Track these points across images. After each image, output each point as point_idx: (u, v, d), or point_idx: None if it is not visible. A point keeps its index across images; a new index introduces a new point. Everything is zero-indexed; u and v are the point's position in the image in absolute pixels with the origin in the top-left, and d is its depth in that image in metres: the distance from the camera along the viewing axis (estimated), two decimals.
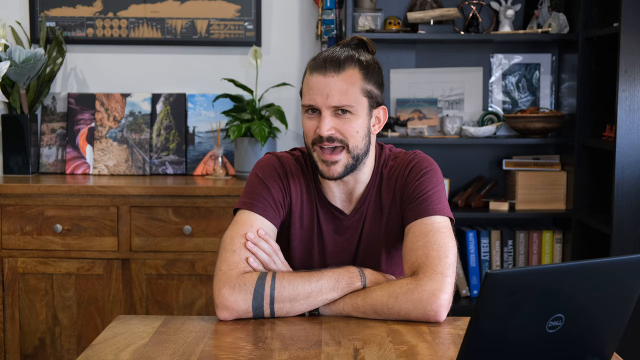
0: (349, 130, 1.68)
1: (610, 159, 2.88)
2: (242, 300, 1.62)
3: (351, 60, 1.68)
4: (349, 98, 1.67)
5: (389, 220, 1.78)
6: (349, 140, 1.68)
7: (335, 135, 1.68)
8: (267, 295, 1.62)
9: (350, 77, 1.67)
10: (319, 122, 1.67)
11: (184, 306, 2.96)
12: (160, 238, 2.94)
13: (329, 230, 1.81)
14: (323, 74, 1.67)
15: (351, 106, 1.67)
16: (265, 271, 1.67)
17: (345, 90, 1.66)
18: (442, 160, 3.30)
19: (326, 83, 1.66)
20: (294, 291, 1.62)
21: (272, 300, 1.62)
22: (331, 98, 1.66)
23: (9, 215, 2.94)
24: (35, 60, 3.08)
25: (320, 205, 1.80)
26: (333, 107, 1.67)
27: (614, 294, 1.26)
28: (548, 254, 3.27)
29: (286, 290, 1.62)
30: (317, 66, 1.68)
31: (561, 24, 3.13)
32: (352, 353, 1.46)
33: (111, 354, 1.47)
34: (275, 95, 3.31)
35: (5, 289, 2.96)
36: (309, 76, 1.69)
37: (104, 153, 3.31)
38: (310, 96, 1.68)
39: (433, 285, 1.58)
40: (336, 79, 1.66)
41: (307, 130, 1.71)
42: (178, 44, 3.38)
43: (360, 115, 1.69)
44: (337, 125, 1.68)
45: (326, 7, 3.12)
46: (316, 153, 1.71)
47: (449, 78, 3.37)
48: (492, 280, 1.15)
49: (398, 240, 1.79)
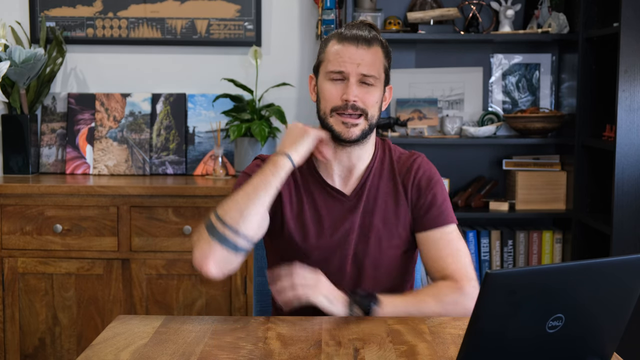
0: (370, 100, 1.78)
1: (610, 159, 2.88)
2: (204, 241, 1.66)
3: (376, 40, 1.80)
4: (376, 69, 1.78)
5: (386, 205, 1.84)
6: (369, 109, 1.78)
7: (358, 104, 1.76)
8: (214, 219, 1.67)
9: (376, 53, 1.79)
10: (345, 88, 1.76)
11: (184, 306, 2.96)
12: (160, 238, 2.94)
13: (327, 210, 1.83)
14: (355, 45, 1.77)
15: (376, 77, 1.78)
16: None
17: (373, 62, 1.77)
18: (442, 160, 3.33)
19: (358, 53, 1.76)
20: (230, 202, 1.70)
21: (217, 217, 1.67)
22: (362, 67, 1.76)
23: (9, 215, 2.94)
24: (35, 60, 3.08)
25: (318, 187, 1.84)
26: (361, 76, 1.76)
27: (614, 294, 1.26)
28: (548, 254, 3.27)
29: (225, 204, 1.69)
30: (347, 39, 1.78)
31: (561, 24, 3.13)
32: (352, 353, 1.46)
33: (111, 354, 1.47)
34: (275, 95, 3.32)
35: (5, 289, 2.96)
36: (338, 45, 1.78)
37: (104, 153, 3.31)
38: (340, 62, 1.77)
39: (474, 292, 1.74)
40: (367, 51, 1.77)
41: (329, 96, 1.78)
42: (178, 44, 3.38)
43: (379, 89, 1.80)
44: (361, 94, 1.77)
45: (326, 7, 3.13)
46: (334, 119, 1.78)
47: (449, 78, 3.37)
48: (492, 280, 1.15)
49: (393, 225, 1.84)
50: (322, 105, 1.80)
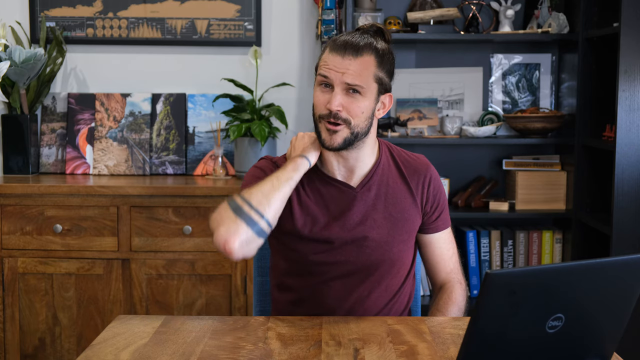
0: (355, 109, 1.77)
1: (610, 159, 2.88)
2: (230, 220, 1.69)
3: (369, 48, 1.77)
4: (361, 80, 1.76)
5: (395, 200, 1.87)
6: (353, 118, 1.77)
7: (341, 114, 1.77)
8: (239, 201, 1.72)
9: (365, 63, 1.76)
10: (331, 97, 1.76)
11: (184, 306, 2.96)
12: (160, 238, 2.94)
13: (332, 200, 1.85)
14: (341, 55, 1.76)
15: (362, 87, 1.76)
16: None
17: (359, 72, 1.76)
18: (442, 160, 3.33)
19: (343, 63, 1.75)
20: (255, 189, 1.75)
21: (244, 199, 1.72)
22: (346, 76, 1.75)
23: (9, 215, 2.94)
24: (35, 60, 3.08)
25: (323, 182, 1.86)
26: (346, 85, 1.75)
27: (614, 294, 1.26)
28: (548, 254, 3.27)
29: (251, 188, 1.75)
30: (336, 47, 1.78)
31: (561, 24, 3.13)
32: (352, 353, 1.46)
33: (111, 354, 1.47)
34: (275, 95, 3.31)
35: (5, 289, 2.96)
36: (328, 54, 1.79)
37: (104, 153, 3.31)
38: (326, 69, 1.78)
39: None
40: (353, 62, 1.75)
41: (317, 102, 1.80)
42: (178, 44, 3.38)
43: (368, 98, 1.78)
44: (346, 103, 1.77)
45: (326, 7, 3.12)
46: (322, 124, 1.80)
47: (449, 78, 3.37)
48: (492, 280, 1.15)
49: (401, 220, 1.86)
50: (314, 109, 1.83)
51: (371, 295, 1.82)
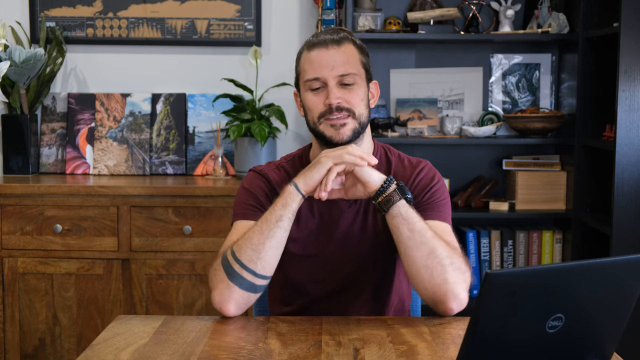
0: (354, 99, 1.75)
1: (610, 159, 2.88)
2: (223, 285, 1.66)
3: (346, 39, 1.78)
4: (352, 66, 1.75)
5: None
6: (355, 108, 1.75)
7: (342, 105, 1.74)
8: (231, 259, 1.66)
9: (349, 50, 1.77)
10: (326, 94, 1.75)
11: (184, 306, 2.96)
12: (160, 238, 2.94)
13: (326, 210, 1.81)
14: (325, 47, 1.75)
15: (354, 74, 1.75)
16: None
17: (347, 60, 1.75)
18: (442, 160, 3.33)
19: (329, 55, 1.74)
20: (245, 240, 1.67)
21: (234, 256, 1.66)
22: (337, 68, 1.74)
23: (9, 215, 2.94)
24: (35, 60, 3.08)
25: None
26: (339, 77, 1.74)
27: (614, 294, 1.26)
28: (548, 254, 3.27)
29: (241, 240, 1.67)
30: (316, 43, 1.77)
31: (561, 24, 3.13)
32: (352, 353, 1.46)
33: (111, 354, 1.47)
34: (275, 95, 3.31)
35: (5, 289, 2.96)
36: (309, 53, 1.77)
37: (104, 153, 3.31)
38: (314, 70, 1.75)
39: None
40: (338, 51, 1.75)
41: (312, 106, 1.77)
42: (178, 44, 3.38)
43: (361, 85, 1.77)
44: (343, 95, 1.75)
45: (326, 7, 3.12)
46: (323, 125, 1.76)
47: (449, 78, 3.37)
48: (492, 280, 1.15)
49: (385, 225, 1.79)
50: (309, 116, 1.78)
51: (365, 307, 1.81)
